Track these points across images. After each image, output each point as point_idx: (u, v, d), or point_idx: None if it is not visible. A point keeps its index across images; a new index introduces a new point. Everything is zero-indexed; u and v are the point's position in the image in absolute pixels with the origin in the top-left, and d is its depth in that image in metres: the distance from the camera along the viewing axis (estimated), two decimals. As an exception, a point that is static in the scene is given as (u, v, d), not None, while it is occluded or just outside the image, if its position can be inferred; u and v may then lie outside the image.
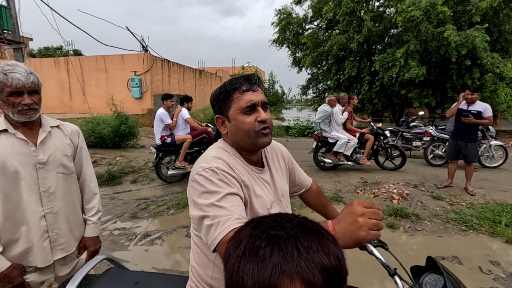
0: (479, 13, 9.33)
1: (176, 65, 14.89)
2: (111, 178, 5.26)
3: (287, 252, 0.35)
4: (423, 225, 3.49)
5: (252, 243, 0.37)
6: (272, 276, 0.34)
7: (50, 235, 1.28)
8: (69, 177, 1.36)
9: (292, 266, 0.34)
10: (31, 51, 22.77)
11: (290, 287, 0.33)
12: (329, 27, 14.37)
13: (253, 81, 0.93)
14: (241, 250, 0.38)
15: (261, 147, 0.95)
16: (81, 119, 7.55)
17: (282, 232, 0.37)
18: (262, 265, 0.35)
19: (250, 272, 0.35)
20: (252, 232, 0.38)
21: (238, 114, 0.92)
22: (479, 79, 9.65)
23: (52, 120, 1.38)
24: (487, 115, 4.02)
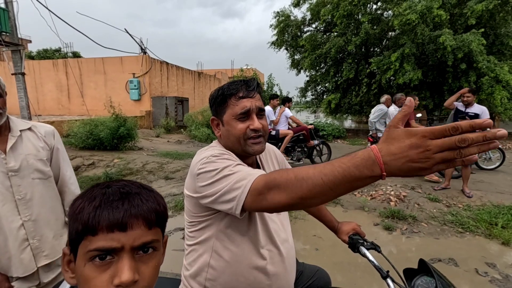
0: (475, 16, 9.40)
1: (175, 67, 14.91)
2: (109, 180, 5.25)
3: (134, 203, 0.50)
4: (420, 227, 3.50)
5: (107, 197, 0.49)
6: (124, 217, 0.47)
7: (31, 243, 1.23)
8: (46, 182, 1.29)
9: (137, 210, 0.49)
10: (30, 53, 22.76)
11: (136, 224, 0.48)
12: (327, 30, 14.44)
13: (251, 88, 0.93)
14: (97, 202, 0.48)
15: (251, 154, 0.95)
16: (79, 121, 7.54)
17: (130, 190, 0.52)
18: (116, 211, 0.48)
19: (106, 216, 0.47)
20: (105, 191, 0.50)
21: (231, 119, 0.92)
22: (475, 82, 9.71)
23: (23, 122, 1.29)
24: (484, 118, 4.03)
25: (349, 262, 2.66)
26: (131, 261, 0.47)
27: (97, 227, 0.46)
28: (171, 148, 8.27)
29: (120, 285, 0.45)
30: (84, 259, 0.47)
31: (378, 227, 3.53)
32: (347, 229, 1.24)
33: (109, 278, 0.46)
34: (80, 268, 0.48)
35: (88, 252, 0.46)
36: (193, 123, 11.17)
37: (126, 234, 0.47)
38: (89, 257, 0.47)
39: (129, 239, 0.47)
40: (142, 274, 0.48)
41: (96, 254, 0.46)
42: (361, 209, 4.05)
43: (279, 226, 1.03)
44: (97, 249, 0.46)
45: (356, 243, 1.17)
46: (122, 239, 0.47)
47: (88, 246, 0.46)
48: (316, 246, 3.09)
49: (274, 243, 0.97)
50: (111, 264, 0.47)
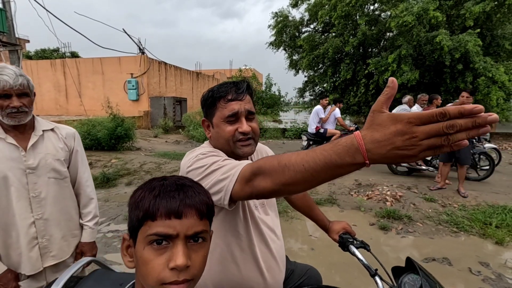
0: (472, 17, 9.47)
1: (173, 67, 14.91)
2: (106, 180, 5.25)
3: (188, 194, 0.56)
4: (415, 227, 3.52)
5: (165, 188, 0.55)
6: (180, 206, 0.53)
7: (39, 242, 1.25)
8: (62, 182, 1.32)
9: (191, 201, 0.55)
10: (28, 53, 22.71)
11: (189, 214, 0.54)
12: (325, 30, 14.48)
13: (240, 90, 0.92)
14: (156, 192, 0.55)
15: (240, 156, 0.95)
16: (77, 121, 7.54)
17: (184, 183, 0.58)
18: (173, 200, 0.53)
19: (165, 204, 0.53)
20: (163, 183, 0.57)
21: (220, 122, 0.92)
22: (472, 83, 9.77)
23: (47, 123, 1.34)
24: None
25: (345, 262, 2.68)
26: (184, 247, 0.52)
27: (156, 214, 0.52)
28: (169, 148, 8.27)
29: (175, 268, 0.50)
30: (144, 243, 0.53)
31: (374, 227, 3.55)
32: (337, 228, 1.26)
33: (165, 261, 0.51)
34: (139, 251, 0.53)
35: (148, 236, 0.52)
36: (191, 123, 11.18)
37: (181, 222, 0.53)
38: (148, 241, 0.52)
39: (183, 227, 0.53)
40: (193, 262, 0.53)
41: (154, 239, 0.52)
42: (357, 209, 4.08)
43: (270, 225, 1.05)
44: (156, 233, 0.52)
45: (346, 242, 1.19)
46: (178, 226, 0.52)
47: (148, 231, 0.52)
48: (312, 246, 3.11)
49: (265, 242, 0.99)
50: (167, 249, 0.52)
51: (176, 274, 0.51)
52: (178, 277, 0.51)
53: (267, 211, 1.08)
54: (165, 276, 0.50)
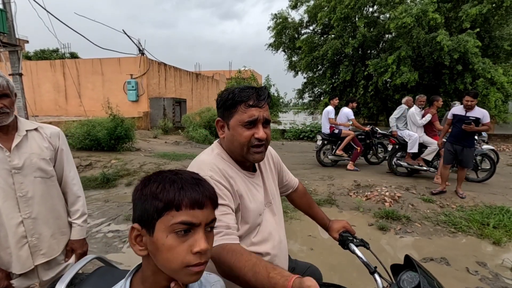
0: (469, 19, 9.55)
1: (172, 68, 14.93)
2: (106, 181, 5.26)
3: (206, 187, 0.62)
4: (413, 227, 3.55)
5: (186, 181, 0.61)
6: (202, 198, 0.60)
7: (29, 241, 1.26)
8: (48, 181, 1.33)
9: (209, 193, 0.62)
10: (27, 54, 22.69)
11: (207, 205, 0.60)
12: (325, 32, 14.55)
13: (262, 97, 0.93)
14: (179, 184, 0.60)
15: (251, 162, 0.98)
16: (76, 122, 7.55)
17: (199, 177, 0.64)
18: (196, 193, 0.59)
19: (190, 196, 0.59)
20: (181, 176, 0.62)
21: (238, 125, 0.94)
22: (470, 84, 9.84)
23: (30, 123, 1.34)
24: (486, 121, 3.95)
25: (344, 261, 2.71)
26: (204, 234, 0.59)
27: (181, 204, 0.58)
28: (169, 149, 8.28)
29: (199, 252, 0.57)
30: (167, 231, 0.57)
31: (373, 227, 3.57)
32: (337, 227, 1.28)
33: (188, 247, 0.57)
34: (161, 239, 0.57)
35: (173, 225, 0.57)
36: (190, 124, 11.19)
37: (202, 212, 0.59)
38: (173, 229, 0.57)
39: (204, 216, 0.59)
40: (210, 247, 0.61)
41: (180, 228, 0.57)
42: (356, 209, 4.10)
43: (274, 226, 1.07)
44: (182, 222, 0.57)
45: (346, 240, 1.22)
46: (200, 216, 0.59)
47: (172, 220, 0.57)
48: (311, 246, 3.13)
49: (269, 243, 1.01)
50: (188, 235, 0.58)
51: (199, 257, 0.57)
52: (200, 259, 0.58)
53: (274, 211, 1.10)
54: (190, 259, 0.57)
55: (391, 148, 5.75)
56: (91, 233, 3.37)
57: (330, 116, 6.11)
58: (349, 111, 6.10)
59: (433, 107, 5.30)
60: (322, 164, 6.44)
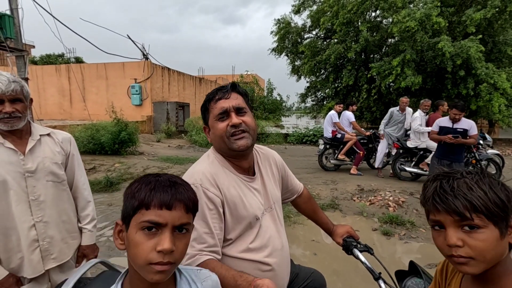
0: (473, 24, 9.53)
1: (176, 72, 15.04)
2: (109, 184, 5.28)
3: (179, 190, 0.65)
4: (418, 233, 3.52)
5: (160, 183, 0.64)
6: (171, 200, 0.62)
7: (40, 245, 1.27)
8: (60, 185, 1.34)
9: (181, 196, 0.64)
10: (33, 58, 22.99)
11: (178, 207, 0.62)
12: (327, 36, 14.61)
13: (225, 90, 1.00)
14: (152, 185, 0.63)
15: (237, 150, 0.98)
16: (81, 126, 7.61)
17: (176, 181, 0.67)
18: (166, 194, 0.62)
19: (159, 197, 0.61)
20: (158, 179, 0.66)
21: (214, 122, 1.00)
22: (473, 89, 9.79)
23: (43, 129, 1.37)
24: (472, 134, 3.76)
25: (348, 267, 2.68)
26: (171, 235, 0.61)
27: (150, 204, 0.61)
28: (172, 153, 8.31)
29: (161, 251, 0.59)
30: (136, 228, 0.61)
31: (376, 232, 3.55)
32: (341, 232, 1.27)
33: (153, 245, 0.60)
34: (132, 235, 0.61)
35: (141, 222, 0.60)
36: (193, 128, 11.24)
37: (171, 213, 0.61)
38: (141, 227, 0.60)
39: (172, 218, 0.61)
40: (177, 248, 0.62)
41: (146, 225, 0.60)
42: (359, 214, 4.08)
43: (274, 231, 1.06)
44: (149, 221, 0.60)
45: (350, 245, 1.21)
46: (167, 217, 0.61)
47: (141, 218, 0.60)
48: (315, 251, 3.11)
49: (268, 249, 1.01)
50: (155, 235, 0.60)
51: (162, 256, 0.59)
52: (163, 258, 0.59)
53: (275, 217, 1.10)
54: (152, 257, 0.59)
55: (394, 152, 5.72)
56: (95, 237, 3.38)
57: (334, 120, 6.10)
58: (350, 114, 6.11)
59: (439, 112, 5.26)
60: (325, 168, 6.41)
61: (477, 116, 11.13)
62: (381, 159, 5.97)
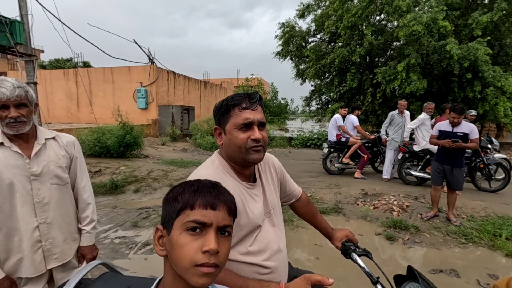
0: (480, 27, 9.45)
1: (181, 76, 15.19)
2: (114, 187, 5.34)
3: (221, 192, 0.66)
4: (422, 238, 3.48)
5: (202, 185, 0.66)
6: (215, 200, 0.63)
7: (43, 245, 1.31)
8: (63, 188, 1.38)
9: (223, 198, 0.65)
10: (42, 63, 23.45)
11: (221, 208, 0.63)
12: (332, 40, 14.61)
13: (253, 100, 0.97)
14: (195, 187, 0.65)
15: (251, 163, 0.99)
16: (87, 129, 7.72)
17: (217, 184, 0.69)
18: (209, 195, 0.63)
19: (203, 197, 0.63)
20: (200, 181, 0.68)
21: (234, 129, 0.96)
22: (480, 92, 9.67)
23: (48, 132, 1.40)
24: (474, 138, 3.64)
25: (351, 272, 2.66)
26: (216, 236, 0.61)
27: (195, 204, 0.62)
28: (176, 156, 8.37)
29: (207, 252, 0.58)
30: (180, 229, 0.61)
31: (380, 236, 3.52)
32: (340, 236, 1.27)
33: (198, 246, 0.59)
34: (175, 237, 0.61)
35: (186, 222, 0.60)
36: (198, 132, 11.31)
37: (215, 213, 0.62)
38: (185, 228, 0.60)
39: (216, 218, 0.61)
40: (221, 250, 0.61)
41: (191, 226, 0.60)
42: (363, 218, 4.05)
43: (273, 236, 1.06)
44: (194, 220, 0.60)
45: (348, 250, 1.21)
46: (212, 217, 0.61)
47: (186, 218, 0.60)
48: (317, 255, 3.10)
49: (266, 253, 1.01)
50: (200, 236, 0.60)
51: (208, 257, 0.58)
52: (209, 259, 0.58)
53: (274, 222, 1.10)
54: (198, 258, 0.58)
55: (401, 156, 5.67)
56: (99, 239, 3.41)
57: (339, 123, 6.11)
58: (355, 118, 6.11)
59: (445, 115, 5.21)
60: (329, 172, 6.39)
61: (485, 119, 10.97)
62: (389, 170, 5.86)
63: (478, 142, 3.72)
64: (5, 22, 6.19)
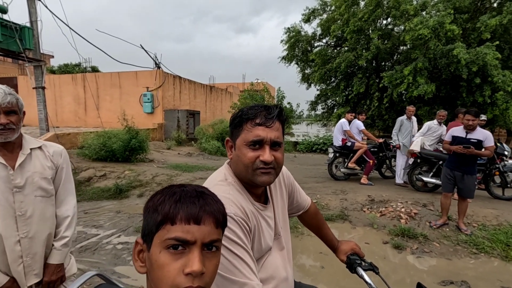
0: (489, 30, 9.31)
1: (187, 81, 15.29)
2: (119, 191, 5.34)
3: (207, 201, 0.57)
4: (431, 247, 3.37)
5: (185, 194, 0.57)
6: (199, 212, 0.55)
7: (24, 261, 1.24)
8: (49, 200, 1.32)
9: (210, 208, 0.56)
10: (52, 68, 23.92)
11: (208, 221, 0.55)
12: (338, 44, 14.57)
13: (270, 115, 0.86)
14: (177, 197, 0.56)
15: (258, 185, 0.89)
16: (93, 133, 7.78)
17: (204, 191, 0.60)
18: (193, 206, 0.55)
19: (185, 209, 0.54)
20: (183, 189, 0.58)
21: (243, 145, 0.86)
22: (489, 97, 9.49)
23: (34, 141, 1.34)
24: (488, 145, 3.50)
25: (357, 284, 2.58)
26: (200, 254, 0.53)
27: (176, 218, 0.53)
28: (181, 160, 8.37)
29: (190, 274, 0.51)
30: (160, 247, 0.53)
31: (387, 245, 3.42)
32: (345, 249, 1.22)
33: (180, 266, 0.52)
34: (155, 255, 0.53)
35: (166, 240, 0.52)
36: (203, 136, 11.31)
37: (200, 228, 0.53)
38: (165, 246, 0.52)
39: (201, 234, 0.53)
40: (207, 269, 0.53)
41: (172, 243, 0.52)
42: (370, 226, 3.95)
43: (280, 262, 0.99)
44: (175, 238, 0.52)
45: (354, 264, 1.15)
46: (196, 233, 0.53)
47: (166, 235, 0.53)
48: (322, 263, 3.02)
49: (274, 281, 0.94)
50: (183, 254, 0.52)
51: (191, 280, 0.51)
52: (192, 283, 0.51)
53: (282, 244, 1.02)
54: (180, 281, 0.51)
55: (412, 161, 5.56)
56: (101, 245, 3.39)
57: (345, 128, 6.05)
58: (360, 123, 6.06)
59: (458, 120, 5.10)
60: (335, 178, 6.30)
61: (494, 125, 10.76)
62: (402, 175, 5.80)
63: (492, 150, 3.58)
64: (15, 28, 6.32)
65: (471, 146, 3.53)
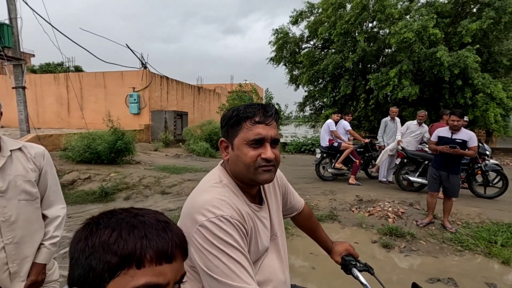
0: (469, 34, 9.66)
1: (174, 81, 15.09)
2: (104, 194, 5.20)
3: (174, 232, 0.48)
4: (418, 245, 3.44)
5: (149, 226, 0.46)
6: (171, 248, 0.45)
7: (10, 267, 1.19)
8: (34, 203, 1.27)
9: (179, 240, 0.47)
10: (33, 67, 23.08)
11: (178, 255, 0.46)
12: (325, 47, 14.75)
13: (269, 114, 0.87)
14: (141, 231, 0.45)
15: (260, 183, 0.89)
16: (77, 135, 7.54)
17: (166, 219, 0.49)
18: (164, 241, 0.45)
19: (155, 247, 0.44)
20: (142, 219, 0.47)
21: (243, 144, 0.85)
22: (470, 99, 9.84)
23: (14, 143, 1.29)
24: (472, 145, 3.60)
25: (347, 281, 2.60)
26: None
27: (144, 258, 0.42)
28: (169, 162, 8.24)
29: None
30: None
31: (376, 244, 3.47)
32: (340, 250, 1.21)
33: None
34: None
35: None
36: (191, 137, 11.19)
37: (172, 267, 0.45)
38: None
39: (173, 273, 0.45)
40: None
41: None
42: (358, 225, 4.00)
43: (277, 264, 0.97)
44: (145, 285, 0.42)
45: (349, 265, 1.15)
46: (169, 273, 0.44)
47: (131, 282, 0.41)
48: (313, 264, 3.03)
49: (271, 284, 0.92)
50: None
51: None
52: None
53: (279, 245, 1.00)
54: None
55: (399, 161, 5.67)
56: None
57: (331, 128, 6.13)
58: (346, 123, 6.16)
59: (443, 121, 5.27)
60: (322, 178, 6.35)
61: (475, 125, 11.16)
62: (385, 173, 6.00)
63: (476, 150, 3.70)
64: (-7, 25, 6.06)
65: (457, 146, 3.62)
